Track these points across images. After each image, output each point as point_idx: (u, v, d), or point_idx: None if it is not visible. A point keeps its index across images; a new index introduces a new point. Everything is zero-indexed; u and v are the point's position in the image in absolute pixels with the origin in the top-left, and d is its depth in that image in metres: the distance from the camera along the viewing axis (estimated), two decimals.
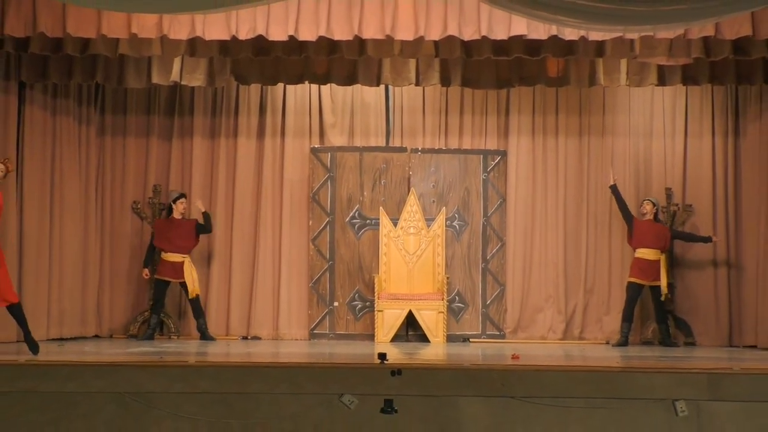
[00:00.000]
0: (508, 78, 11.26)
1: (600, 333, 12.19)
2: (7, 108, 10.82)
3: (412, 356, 9.28)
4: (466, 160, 12.35)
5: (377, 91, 12.38)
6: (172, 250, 11.70)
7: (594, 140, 12.47)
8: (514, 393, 7.34)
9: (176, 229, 11.74)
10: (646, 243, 11.56)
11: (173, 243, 11.69)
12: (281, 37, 9.62)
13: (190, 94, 12.49)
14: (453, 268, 12.20)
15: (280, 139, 12.56)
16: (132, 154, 12.52)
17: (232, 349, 10.37)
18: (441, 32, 9.54)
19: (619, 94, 12.39)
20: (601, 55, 10.19)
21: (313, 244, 12.26)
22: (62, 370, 7.51)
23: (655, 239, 11.57)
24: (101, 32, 9.54)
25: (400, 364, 7.59)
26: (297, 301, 12.34)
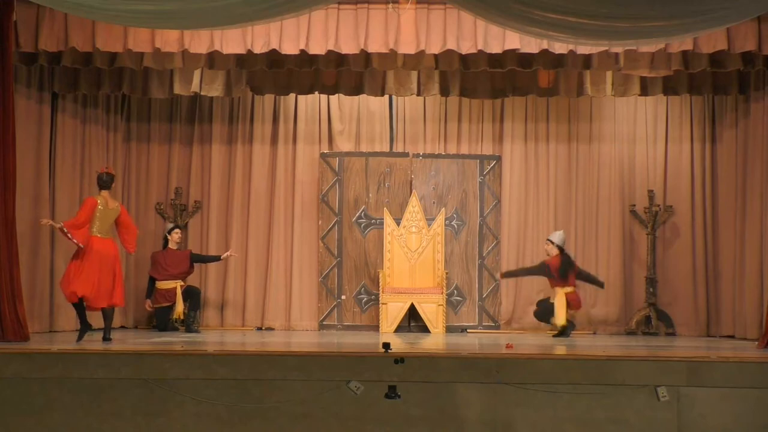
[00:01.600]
0: (503, 88, 11.28)
1: (588, 323, 12.18)
2: (42, 116, 10.85)
3: (414, 346, 9.28)
4: (463, 165, 12.35)
5: (382, 101, 12.38)
6: (165, 278, 11.48)
7: (582, 146, 12.46)
8: (508, 379, 7.35)
9: (170, 258, 11.58)
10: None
11: (167, 271, 11.50)
12: (293, 51, 9.63)
13: (209, 104, 12.50)
14: (452, 264, 12.20)
15: (292, 145, 12.57)
16: (155, 158, 12.54)
17: (248, 339, 10.38)
18: (441, 46, 9.55)
19: (605, 104, 12.39)
20: (588, 68, 10.21)
21: (323, 242, 12.27)
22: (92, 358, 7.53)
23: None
24: (127, 47, 9.55)
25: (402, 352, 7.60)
26: (307, 294, 12.35)
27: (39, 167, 10.77)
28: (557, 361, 7.57)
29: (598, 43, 9.13)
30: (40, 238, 10.69)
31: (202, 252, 12.17)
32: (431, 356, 7.77)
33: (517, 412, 7.32)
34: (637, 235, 12.27)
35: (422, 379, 7.36)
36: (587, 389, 7.32)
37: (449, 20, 9.50)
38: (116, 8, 7.70)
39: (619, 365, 7.44)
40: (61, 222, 9.16)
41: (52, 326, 10.87)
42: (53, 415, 7.35)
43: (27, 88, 10.58)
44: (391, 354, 7.48)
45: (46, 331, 10.65)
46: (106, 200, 9.22)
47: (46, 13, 9.44)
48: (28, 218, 10.42)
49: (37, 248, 10.62)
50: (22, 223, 9.69)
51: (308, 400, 7.33)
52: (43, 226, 9.69)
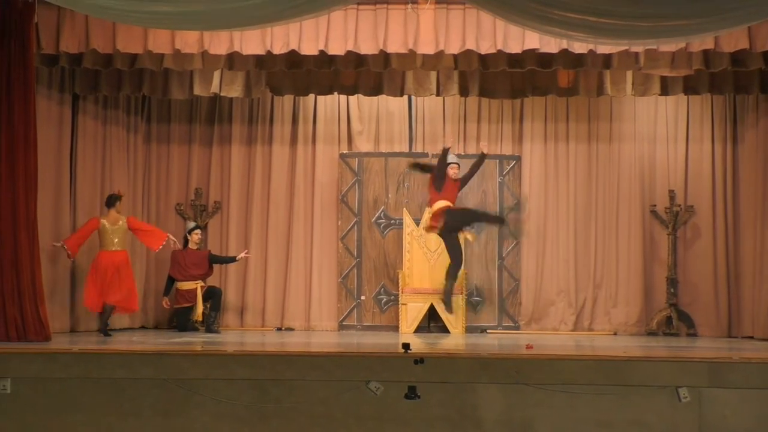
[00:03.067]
0: (522, 88, 11.24)
1: (608, 324, 12.13)
2: (63, 118, 10.90)
3: (433, 346, 9.27)
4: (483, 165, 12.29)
5: (401, 101, 12.37)
6: (185, 278, 11.44)
7: (602, 146, 12.40)
8: (528, 380, 7.33)
9: (190, 258, 11.54)
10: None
11: (186, 272, 11.46)
12: (312, 52, 9.63)
13: (228, 105, 12.52)
14: (471, 265, 12.17)
15: (312, 146, 12.58)
16: (175, 159, 12.57)
17: (268, 339, 10.39)
18: (460, 46, 9.53)
19: (625, 103, 12.33)
20: (608, 67, 10.16)
21: (342, 242, 12.27)
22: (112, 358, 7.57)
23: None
24: (148, 48, 9.58)
25: (422, 353, 7.59)
26: (327, 295, 12.35)
27: (60, 168, 10.83)
28: (577, 361, 7.54)
29: (618, 43, 9.09)
30: (61, 238, 10.73)
31: (221, 253, 12.19)
32: (451, 357, 7.75)
33: (537, 412, 7.30)
34: (657, 235, 12.20)
35: (442, 380, 7.35)
36: (607, 390, 7.29)
37: (468, 20, 9.47)
38: (136, 9, 7.72)
39: (640, 366, 7.41)
40: (62, 240, 10.52)
41: (72, 326, 10.91)
42: (74, 414, 7.39)
43: (48, 89, 10.64)
44: (410, 354, 7.47)
45: (67, 331, 10.69)
46: (112, 219, 10.68)
47: (66, 15, 9.48)
48: (49, 219, 10.48)
49: (58, 249, 10.66)
50: (43, 223, 9.74)
51: (328, 400, 7.33)
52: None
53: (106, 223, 10.62)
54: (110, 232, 10.61)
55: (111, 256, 10.57)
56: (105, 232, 10.60)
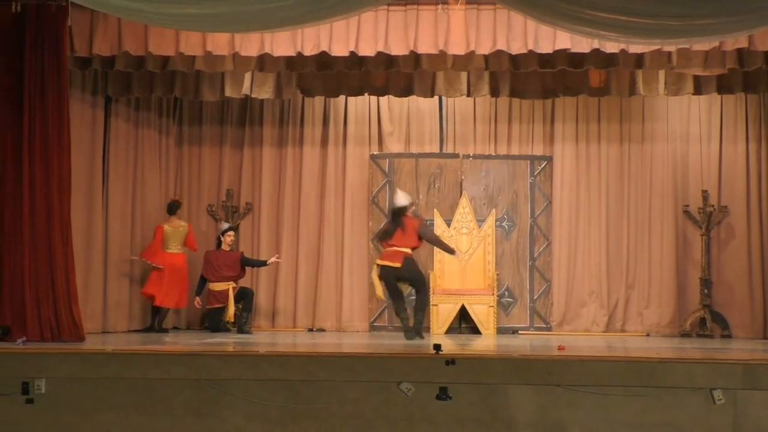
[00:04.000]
0: (553, 88, 11.20)
1: (640, 326, 12.07)
2: (95, 120, 10.99)
3: (464, 347, 9.26)
4: (514, 165, 12.30)
5: (431, 102, 12.37)
6: (218, 279, 11.48)
7: (634, 146, 12.35)
8: (560, 381, 7.30)
9: (223, 259, 11.57)
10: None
11: (219, 273, 11.50)
12: (343, 53, 9.65)
13: (259, 106, 12.58)
14: (502, 266, 12.15)
15: (342, 147, 12.61)
16: (207, 161, 12.65)
17: (299, 340, 10.43)
18: (490, 47, 9.51)
19: (657, 103, 12.26)
20: (640, 67, 10.09)
21: (373, 243, 12.28)
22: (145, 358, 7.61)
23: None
24: (179, 50, 9.64)
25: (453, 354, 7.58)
26: (358, 295, 12.37)
27: (93, 170, 10.92)
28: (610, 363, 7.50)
29: (650, 42, 9.03)
30: (94, 240, 10.84)
31: (253, 253, 12.25)
32: (482, 358, 7.74)
33: (569, 414, 7.27)
34: (690, 235, 12.13)
35: (473, 381, 7.34)
36: (640, 392, 7.25)
37: (499, 20, 9.45)
38: (168, 12, 7.77)
39: (673, 367, 7.36)
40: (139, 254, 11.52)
41: (105, 326, 11.01)
42: (107, 414, 7.45)
43: (81, 92, 10.74)
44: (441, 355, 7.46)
45: (99, 331, 10.78)
46: (174, 224, 11.61)
47: (99, 19, 9.56)
48: (82, 220, 10.57)
49: (91, 250, 10.76)
50: (76, 225, 9.83)
51: (358, 401, 7.34)
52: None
53: (169, 228, 11.55)
54: (171, 236, 11.55)
55: (171, 258, 11.46)
56: (167, 236, 11.52)
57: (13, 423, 7.41)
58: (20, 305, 8.88)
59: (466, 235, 12.02)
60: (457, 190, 12.29)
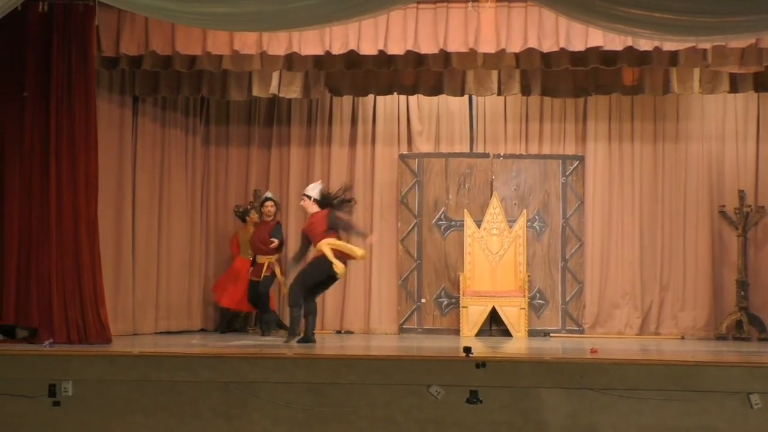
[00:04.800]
0: (586, 87, 11.15)
1: (675, 328, 11.99)
2: (123, 120, 11.06)
3: (495, 350, 9.24)
4: (545, 165, 12.25)
5: (461, 101, 12.35)
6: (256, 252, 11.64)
7: (668, 145, 12.27)
8: (593, 385, 7.26)
9: (258, 233, 11.61)
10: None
11: (256, 246, 11.59)
12: (372, 52, 9.64)
13: (287, 106, 12.61)
14: (534, 267, 12.11)
15: (371, 147, 12.61)
16: (234, 161, 12.69)
17: (327, 342, 10.43)
18: (521, 45, 9.48)
19: (692, 101, 12.17)
20: (674, 65, 10.02)
21: (402, 244, 12.28)
22: (172, 360, 7.65)
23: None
24: (206, 50, 9.67)
25: (484, 357, 7.56)
26: (387, 297, 12.37)
27: (121, 169, 10.97)
28: (644, 366, 7.46)
29: (684, 40, 8.96)
30: (123, 240, 10.89)
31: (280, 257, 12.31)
32: (513, 361, 7.72)
33: (602, 418, 7.24)
34: (726, 236, 12.03)
35: (504, 384, 7.31)
36: (675, 396, 7.20)
37: (530, 18, 9.41)
38: (195, 11, 7.80)
39: (709, 371, 7.30)
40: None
41: (135, 329, 11.04)
42: (134, 416, 7.49)
43: (108, 92, 10.80)
44: (472, 358, 7.45)
45: (129, 333, 10.83)
46: (247, 231, 11.92)
47: (126, 18, 9.61)
48: (110, 220, 10.63)
49: (120, 250, 10.82)
50: (104, 225, 9.89)
51: (388, 404, 7.34)
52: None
53: (243, 235, 11.95)
54: (244, 242, 11.88)
55: (246, 263, 11.75)
56: (241, 243, 11.92)
57: (40, 426, 7.47)
58: (47, 307, 8.95)
59: (496, 236, 11.99)
60: (487, 190, 12.26)
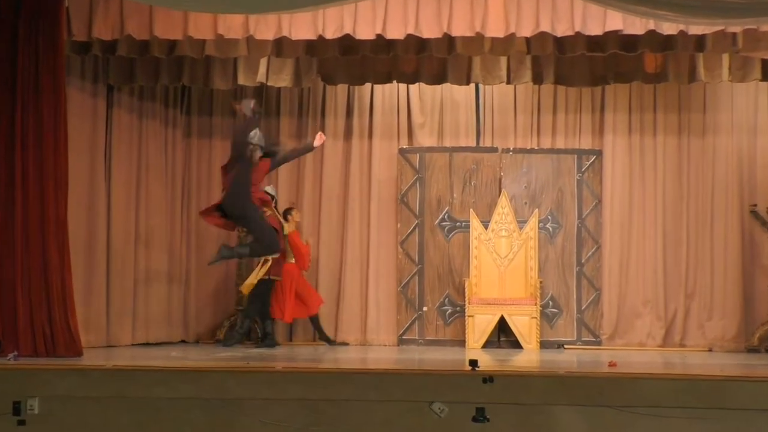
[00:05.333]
0: (603, 75, 11.16)
1: (702, 339, 11.99)
2: (96, 111, 11.04)
3: (504, 363, 9.23)
4: (559, 160, 12.25)
5: (467, 90, 12.35)
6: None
7: (694, 139, 12.28)
8: (611, 402, 7.25)
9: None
10: None
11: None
12: (369, 36, 9.63)
13: (276, 95, 12.61)
14: (546, 272, 12.11)
15: (368, 140, 12.61)
16: (218, 156, 12.64)
17: (320, 354, 10.42)
18: (533, 29, 9.47)
19: (720, 90, 12.17)
20: (701, 50, 10.02)
21: (402, 247, 12.28)
22: (149, 375, 7.63)
23: None
24: (188, 34, 9.65)
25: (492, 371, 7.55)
26: (385, 305, 12.37)
27: (93, 165, 10.96)
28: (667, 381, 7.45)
29: (712, 23, 8.96)
30: (95, 243, 10.87)
31: None
32: (524, 375, 7.72)
33: None
34: (758, 238, 12.06)
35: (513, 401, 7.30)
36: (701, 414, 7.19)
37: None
38: None
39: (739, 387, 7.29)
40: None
41: (109, 340, 11.02)
42: None
43: (80, 80, 10.79)
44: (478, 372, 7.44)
45: (103, 345, 10.81)
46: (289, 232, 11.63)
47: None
48: (81, 221, 10.61)
49: (92, 253, 10.79)
50: (75, 225, 9.87)
51: (387, 422, 7.32)
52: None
53: (288, 237, 11.64)
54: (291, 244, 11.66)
55: (294, 268, 11.68)
56: (287, 246, 11.60)
57: None
58: (11, 316, 8.89)
59: (505, 238, 11.99)
60: (495, 188, 12.26)
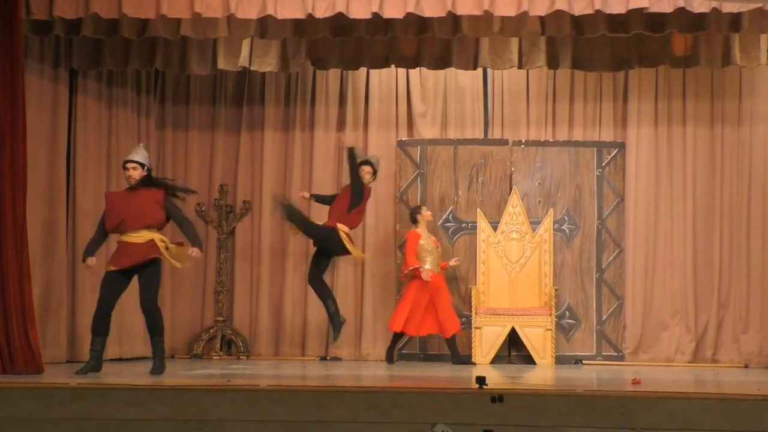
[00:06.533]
0: (627, 58, 11.17)
1: (737, 354, 12.03)
2: (57, 98, 11.03)
3: (515, 380, 9.25)
4: (577, 154, 12.28)
5: (474, 76, 12.38)
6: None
7: (729, 129, 12.32)
8: (635, 424, 7.28)
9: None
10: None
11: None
12: (364, 15, 9.65)
13: (260, 82, 12.63)
14: (562, 279, 12.14)
15: (363, 132, 12.65)
16: (195, 149, 12.71)
17: (309, 371, 10.44)
18: (548, 6, 9.49)
19: (758, 75, 12.21)
20: (736, 30, 10.04)
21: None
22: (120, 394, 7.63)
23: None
24: (161, 12, 9.66)
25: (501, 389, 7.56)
26: (382, 316, 12.39)
27: (55, 159, 10.96)
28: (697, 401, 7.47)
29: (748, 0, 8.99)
30: (56, 246, 10.87)
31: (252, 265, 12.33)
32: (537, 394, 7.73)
33: None
34: None
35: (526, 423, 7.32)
36: None
37: None
38: None
39: None
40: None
41: (72, 355, 11.03)
42: None
43: (40, 63, 10.79)
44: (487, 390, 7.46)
45: (64, 361, 10.82)
46: (426, 234, 11.67)
47: None
48: (42, 222, 10.62)
49: (52, 259, 10.79)
50: (33, 228, 9.87)
51: None
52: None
53: (426, 240, 11.65)
54: (424, 248, 11.61)
55: (438, 278, 11.60)
56: (421, 249, 11.61)
57: None
58: None
59: (516, 240, 12.02)
60: (505, 184, 12.29)
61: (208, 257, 12.33)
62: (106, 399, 7.57)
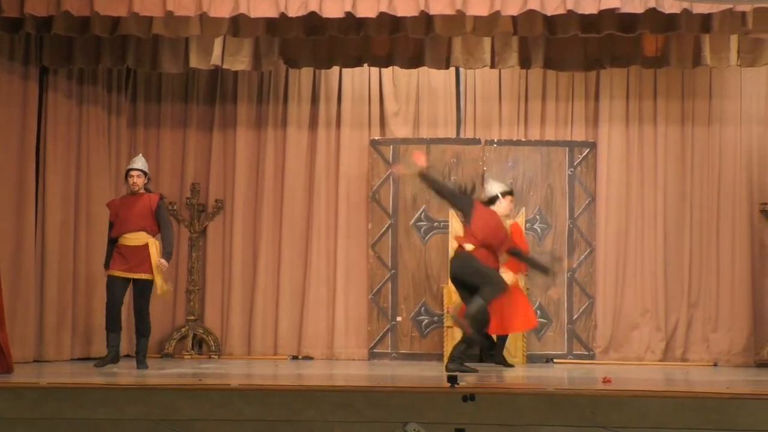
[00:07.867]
0: (599, 58, 11.21)
1: (707, 353, 12.08)
2: (27, 96, 10.98)
3: (486, 379, 9.27)
4: (549, 154, 12.31)
5: (447, 75, 12.39)
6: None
7: (699, 129, 12.36)
8: (606, 422, 7.30)
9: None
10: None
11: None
12: (337, 14, 9.66)
13: (232, 80, 12.60)
14: (533, 278, 12.15)
15: (336, 130, 12.63)
16: (167, 147, 12.66)
17: (281, 370, 10.44)
18: (520, 6, 9.52)
19: (728, 76, 12.27)
20: (707, 31, 10.10)
21: (373, 250, 12.30)
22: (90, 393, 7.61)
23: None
24: (133, 10, 9.64)
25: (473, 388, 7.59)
26: (354, 315, 12.38)
27: (24, 157, 10.90)
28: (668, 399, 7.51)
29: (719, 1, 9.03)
30: (25, 246, 10.81)
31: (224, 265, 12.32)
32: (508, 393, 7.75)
33: None
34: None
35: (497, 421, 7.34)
36: None
37: None
38: None
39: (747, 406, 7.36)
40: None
41: (39, 355, 10.98)
42: None
43: (10, 61, 10.74)
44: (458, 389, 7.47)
45: (30, 360, 10.76)
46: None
47: None
48: (9, 222, 10.56)
49: (19, 259, 10.72)
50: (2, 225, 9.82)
51: None
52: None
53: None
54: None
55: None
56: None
57: None
58: None
59: None
60: (477, 184, 12.29)
61: (180, 256, 12.29)
62: (77, 399, 7.54)
